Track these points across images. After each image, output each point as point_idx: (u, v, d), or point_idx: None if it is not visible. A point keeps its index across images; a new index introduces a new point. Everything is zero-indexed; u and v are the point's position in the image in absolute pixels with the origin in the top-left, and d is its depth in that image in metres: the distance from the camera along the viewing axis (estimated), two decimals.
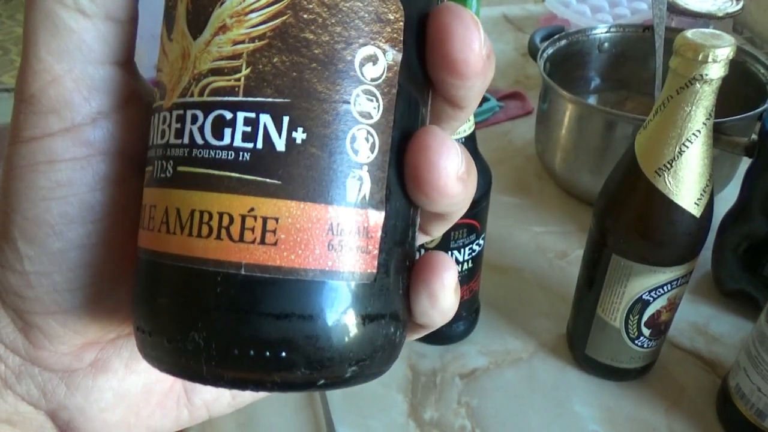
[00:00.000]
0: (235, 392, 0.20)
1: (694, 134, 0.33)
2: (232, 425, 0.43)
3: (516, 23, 1.01)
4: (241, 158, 0.13)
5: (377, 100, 0.14)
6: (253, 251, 0.13)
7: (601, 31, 0.69)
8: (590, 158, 0.60)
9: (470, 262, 0.43)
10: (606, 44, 0.70)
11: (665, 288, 0.38)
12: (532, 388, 0.45)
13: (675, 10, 0.75)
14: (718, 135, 0.52)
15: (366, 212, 0.14)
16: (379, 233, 0.14)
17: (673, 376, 0.46)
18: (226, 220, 0.13)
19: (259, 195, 0.13)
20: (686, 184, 0.34)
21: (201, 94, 0.14)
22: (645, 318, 0.40)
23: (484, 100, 0.78)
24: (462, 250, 0.42)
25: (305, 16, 0.13)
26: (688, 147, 0.33)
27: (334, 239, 0.14)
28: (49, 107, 0.15)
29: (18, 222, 0.15)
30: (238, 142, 0.13)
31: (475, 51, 0.15)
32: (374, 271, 0.14)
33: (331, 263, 0.14)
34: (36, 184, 0.15)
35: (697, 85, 0.32)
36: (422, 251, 0.17)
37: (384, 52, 0.14)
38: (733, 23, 0.98)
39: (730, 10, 0.74)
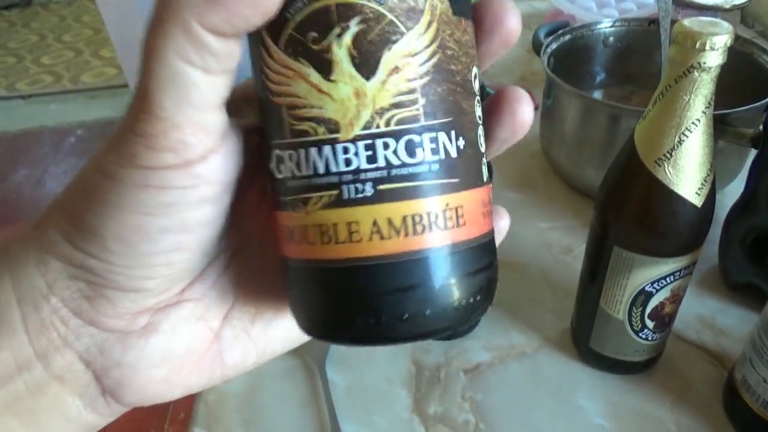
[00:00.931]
0: (261, 352, 0.22)
1: (693, 123, 0.33)
2: (237, 421, 0.44)
3: (522, 20, 1.01)
4: (431, 169, 0.17)
5: (480, 105, 0.19)
6: (454, 233, 0.17)
7: (605, 26, 0.69)
8: (595, 153, 0.59)
9: None
10: (611, 39, 0.69)
11: (668, 279, 0.38)
12: (536, 382, 0.45)
13: (681, 3, 0.74)
14: (724, 126, 0.52)
15: (488, 186, 0.19)
16: (490, 199, 0.19)
17: (680, 369, 0.45)
18: (433, 217, 0.17)
19: (449, 192, 0.17)
20: (687, 173, 0.34)
21: (387, 124, 0.16)
22: (648, 310, 0.39)
23: (488, 96, 0.78)
24: None
25: (449, 52, 0.17)
26: (687, 136, 0.33)
27: (485, 209, 0.19)
28: (167, 147, 0.16)
29: (112, 227, 0.17)
30: (428, 157, 0.17)
31: (518, 19, 0.19)
32: (492, 227, 0.20)
33: (487, 228, 0.19)
34: (143, 202, 0.17)
35: (696, 73, 0.31)
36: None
37: (476, 67, 0.19)
38: (744, 16, 0.97)
39: (737, 2, 0.73)
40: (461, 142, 0.18)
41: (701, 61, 0.31)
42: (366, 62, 0.16)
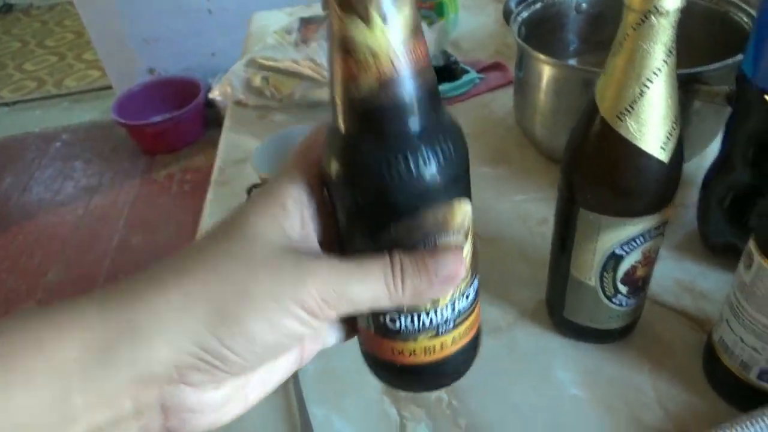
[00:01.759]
0: (266, 383, 0.26)
1: (654, 73, 0.31)
2: None
3: None
4: (471, 313, 0.28)
5: None
6: (477, 330, 0.30)
7: None
8: (569, 121, 0.56)
9: None
10: (583, 5, 0.68)
11: (638, 241, 0.36)
12: (511, 356, 0.44)
13: None
14: (698, 86, 0.50)
15: None
16: None
17: (659, 334, 0.44)
18: (473, 331, 0.29)
19: (474, 319, 0.29)
20: (650, 127, 0.32)
21: (461, 297, 0.27)
22: (620, 274, 0.38)
23: (464, 72, 0.76)
24: None
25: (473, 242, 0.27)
26: (648, 87, 0.31)
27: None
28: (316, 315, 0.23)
29: (265, 336, 0.22)
30: (469, 307, 0.28)
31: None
32: None
33: None
34: (289, 327, 0.22)
35: (653, 18, 0.30)
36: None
37: None
38: None
39: None
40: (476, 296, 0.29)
41: (658, 5, 0.29)
42: None
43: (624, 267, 0.38)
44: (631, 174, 0.34)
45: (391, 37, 0.20)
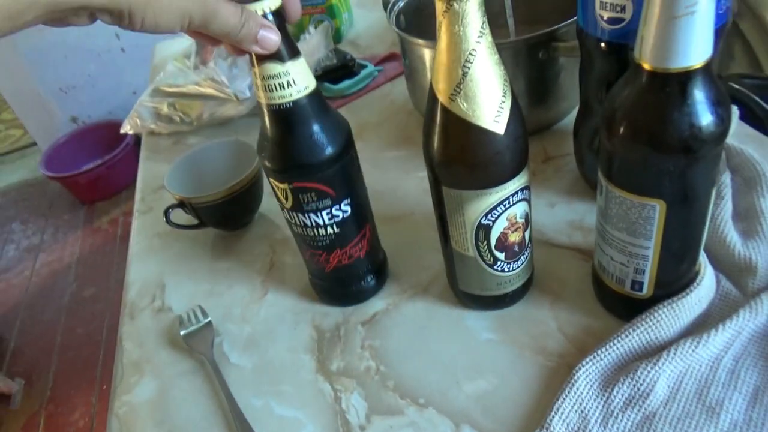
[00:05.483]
0: None
1: (471, 54, 0.33)
2: (150, 424, 0.45)
3: None
4: None
5: None
6: None
7: None
8: None
9: (335, 226, 0.44)
10: None
11: (499, 209, 0.39)
12: (428, 317, 0.48)
13: None
14: (556, 43, 0.55)
15: None
16: None
17: (556, 273, 0.48)
18: None
19: None
20: (479, 104, 0.35)
21: None
22: (493, 242, 0.41)
23: (362, 67, 0.80)
24: (319, 213, 0.43)
25: None
26: (469, 67, 0.34)
27: None
28: None
29: None
30: None
31: None
32: None
33: None
34: None
35: (456, 5, 0.32)
36: None
37: None
38: None
39: None
40: None
41: None
42: None
43: (494, 235, 0.40)
44: (471, 149, 0.36)
45: None
